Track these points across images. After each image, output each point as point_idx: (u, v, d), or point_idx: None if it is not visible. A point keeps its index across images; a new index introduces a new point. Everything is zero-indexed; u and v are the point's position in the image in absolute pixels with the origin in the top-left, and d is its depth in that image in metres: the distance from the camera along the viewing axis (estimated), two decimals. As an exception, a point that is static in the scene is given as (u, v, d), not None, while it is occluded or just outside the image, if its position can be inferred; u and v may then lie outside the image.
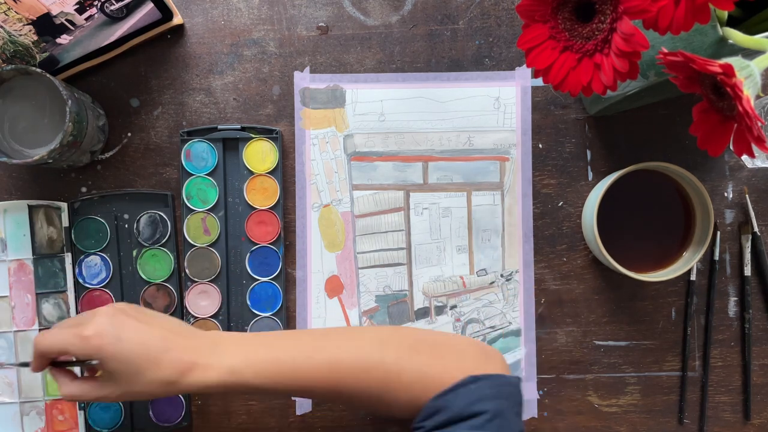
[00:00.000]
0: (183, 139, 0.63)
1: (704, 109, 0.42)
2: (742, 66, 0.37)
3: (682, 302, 0.64)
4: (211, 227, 0.63)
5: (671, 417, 0.63)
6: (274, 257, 0.63)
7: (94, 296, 0.63)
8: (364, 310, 0.64)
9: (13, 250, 0.63)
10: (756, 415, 0.63)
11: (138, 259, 0.63)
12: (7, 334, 0.62)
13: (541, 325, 0.63)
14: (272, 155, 0.63)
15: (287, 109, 0.64)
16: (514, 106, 0.64)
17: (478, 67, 0.64)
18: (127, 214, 0.63)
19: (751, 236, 0.63)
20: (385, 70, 0.64)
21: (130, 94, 0.64)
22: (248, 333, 0.61)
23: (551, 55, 0.44)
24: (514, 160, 0.64)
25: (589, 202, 0.61)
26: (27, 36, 0.56)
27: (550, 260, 0.64)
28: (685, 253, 0.60)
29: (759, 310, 0.63)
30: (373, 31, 0.64)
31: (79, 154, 0.60)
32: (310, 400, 0.63)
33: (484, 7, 0.64)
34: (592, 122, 0.64)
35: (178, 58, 0.64)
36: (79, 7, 0.55)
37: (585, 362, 0.63)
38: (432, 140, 0.64)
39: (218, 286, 0.63)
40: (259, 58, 0.64)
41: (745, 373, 0.63)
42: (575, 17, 0.42)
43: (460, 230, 0.64)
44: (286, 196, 0.64)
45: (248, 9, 0.64)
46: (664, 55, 0.39)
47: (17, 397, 0.62)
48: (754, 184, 0.63)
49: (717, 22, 0.41)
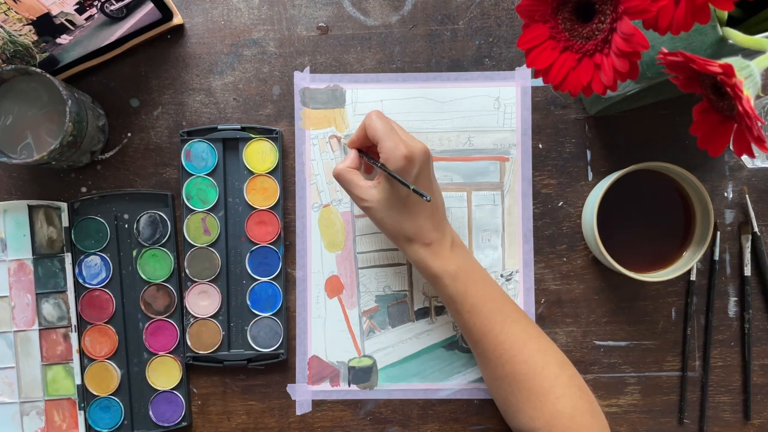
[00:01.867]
0: (183, 139, 0.63)
1: (704, 109, 0.42)
2: (742, 66, 0.37)
3: (682, 302, 0.64)
4: (211, 227, 0.63)
5: (671, 417, 0.63)
6: (274, 257, 0.63)
7: (94, 296, 0.63)
8: (364, 310, 0.64)
9: (13, 250, 0.63)
10: (756, 415, 0.63)
11: (138, 259, 0.63)
12: (7, 334, 0.62)
13: (541, 325, 0.63)
14: (272, 155, 0.63)
15: (287, 109, 0.64)
16: (514, 106, 0.64)
17: (478, 67, 0.64)
18: (127, 214, 0.63)
19: (751, 236, 0.63)
20: (385, 70, 0.64)
21: (130, 94, 0.64)
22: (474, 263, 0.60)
23: (551, 55, 0.44)
24: (514, 160, 0.64)
25: (589, 202, 0.61)
26: (27, 36, 0.56)
27: (550, 260, 0.64)
28: (685, 253, 0.60)
29: (759, 310, 0.63)
30: (373, 31, 0.64)
31: (79, 154, 0.60)
32: (310, 400, 0.63)
33: (484, 7, 0.64)
34: (592, 122, 0.64)
35: (178, 58, 0.64)
36: (79, 7, 0.55)
37: (585, 362, 0.63)
38: (432, 140, 0.64)
39: (218, 286, 0.63)
40: (259, 58, 0.64)
41: (745, 373, 0.63)
42: (575, 17, 0.42)
43: (460, 230, 0.64)
44: (286, 196, 0.64)
45: (248, 9, 0.64)
46: (664, 55, 0.39)
47: (17, 397, 0.62)
48: (754, 184, 0.63)
49: (717, 22, 0.41)
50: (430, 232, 0.55)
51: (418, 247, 0.55)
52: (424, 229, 0.55)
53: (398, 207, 0.54)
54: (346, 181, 0.56)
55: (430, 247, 0.55)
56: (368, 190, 0.55)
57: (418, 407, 0.63)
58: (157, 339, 0.63)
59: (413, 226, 0.55)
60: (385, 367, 0.64)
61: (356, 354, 0.64)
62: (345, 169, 0.56)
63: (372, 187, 0.55)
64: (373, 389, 0.63)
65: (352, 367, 0.63)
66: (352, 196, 0.56)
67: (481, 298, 0.56)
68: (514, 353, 0.55)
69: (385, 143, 0.53)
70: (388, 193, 0.54)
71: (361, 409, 0.64)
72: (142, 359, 0.63)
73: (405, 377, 0.63)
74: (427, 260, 0.55)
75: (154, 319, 0.63)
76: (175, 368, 0.63)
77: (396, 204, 0.54)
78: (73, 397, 0.63)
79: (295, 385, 0.63)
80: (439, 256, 0.55)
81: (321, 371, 0.63)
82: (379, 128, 0.54)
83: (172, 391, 0.63)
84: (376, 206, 0.55)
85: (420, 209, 0.54)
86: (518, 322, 0.56)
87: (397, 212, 0.54)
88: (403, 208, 0.54)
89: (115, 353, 0.63)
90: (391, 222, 0.55)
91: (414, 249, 0.56)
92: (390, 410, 0.63)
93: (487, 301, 0.56)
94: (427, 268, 0.55)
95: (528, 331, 0.56)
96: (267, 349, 0.63)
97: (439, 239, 0.55)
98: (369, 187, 0.55)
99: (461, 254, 0.57)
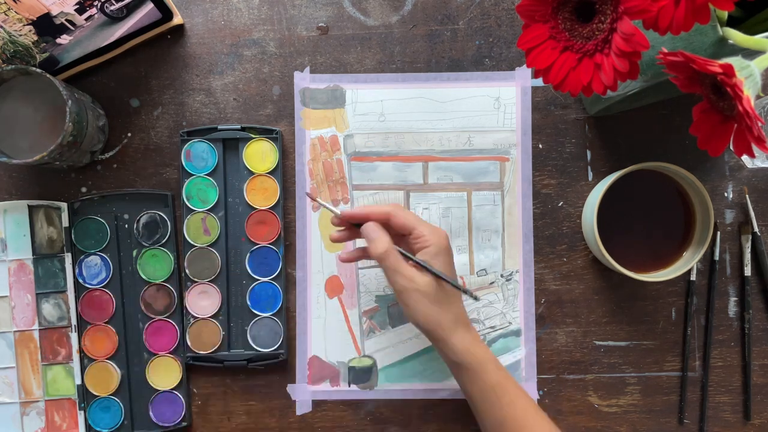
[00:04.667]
0: (183, 139, 0.63)
1: (704, 109, 0.42)
2: (742, 66, 0.37)
3: (682, 302, 0.64)
4: (211, 227, 0.63)
5: (671, 417, 0.63)
6: (274, 257, 0.63)
7: (94, 296, 0.63)
8: (364, 310, 0.64)
9: (13, 250, 0.63)
10: (756, 415, 0.63)
11: (138, 259, 0.63)
12: (7, 334, 0.62)
13: (541, 325, 0.63)
14: (272, 155, 0.63)
15: (287, 109, 0.64)
16: (514, 106, 0.64)
17: (478, 67, 0.64)
18: (127, 214, 0.63)
19: (751, 236, 0.63)
20: (385, 70, 0.64)
21: (130, 94, 0.64)
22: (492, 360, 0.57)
23: (551, 55, 0.44)
24: (514, 160, 0.64)
25: (589, 202, 0.61)
26: (27, 36, 0.56)
27: (550, 260, 0.64)
28: (685, 253, 0.60)
29: (759, 310, 0.63)
30: (373, 31, 0.64)
31: (79, 154, 0.60)
32: (310, 400, 0.63)
33: (484, 7, 0.64)
34: (592, 122, 0.64)
35: (178, 58, 0.64)
36: (79, 7, 0.55)
37: (585, 362, 0.63)
38: (432, 140, 0.64)
39: (218, 286, 0.63)
40: (259, 58, 0.64)
41: (745, 373, 0.63)
42: (575, 17, 0.42)
43: (460, 230, 0.64)
44: (286, 196, 0.64)
45: (248, 9, 0.64)
46: (664, 55, 0.39)
47: (17, 397, 0.62)
48: (754, 184, 0.63)
49: (717, 22, 0.41)
50: (466, 317, 0.54)
51: (463, 333, 0.53)
52: (463, 314, 0.54)
53: (440, 295, 0.52)
54: (394, 260, 0.52)
55: (472, 332, 0.54)
56: (417, 273, 0.52)
57: (419, 407, 0.63)
58: (157, 339, 0.63)
59: (456, 310, 0.53)
60: (386, 367, 0.64)
61: (356, 354, 0.64)
62: (392, 249, 0.52)
63: (419, 272, 0.52)
64: (373, 389, 0.63)
65: (352, 367, 0.63)
66: (397, 276, 0.52)
67: (515, 387, 0.54)
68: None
69: (423, 228, 0.52)
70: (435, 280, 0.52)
71: (361, 409, 0.63)
72: (142, 359, 0.63)
73: (405, 377, 0.63)
74: (474, 346, 0.53)
75: (154, 319, 0.63)
76: (175, 368, 0.63)
77: (440, 291, 0.52)
78: (73, 397, 0.63)
79: (295, 385, 0.63)
80: (479, 342, 0.54)
81: (321, 371, 0.63)
82: (411, 217, 0.53)
83: (173, 391, 0.63)
84: (423, 289, 0.51)
85: (453, 293, 0.53)
86: (539, 412, 0.54)
87: (438, 301, 0.52)
88: (444, 296, 0.52)
89: (115, 353, 0.63)
90: (433, 309, 0.52)
91: (458, 337, 0.53)
92: (390, 410, 0.63)
93: (519, 392, 0.54)
94: (473, 355, 0.53)
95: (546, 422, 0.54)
96: (267, 349, 0.63)
97: (471, 325, 0.54)
98: (416, 271, 0.52)
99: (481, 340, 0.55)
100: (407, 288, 0.51)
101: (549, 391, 0.63)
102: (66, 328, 0.63)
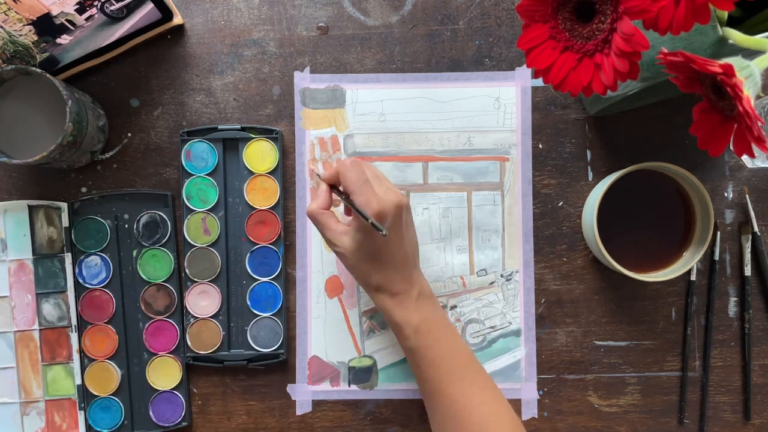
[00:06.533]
0: (183, 139, 0.63)
1: (704, 109, 0.42)
2: (742, 66, 0.37)
3: (682, 302, 0.64)
4: (211, 227, 0.63)
5: (671, 417, 0.63)
6: (274, 257, 0.63)
7: (94, 296, 0.63)
8: (365, 310, 0.64)
9: (13, 250, 0.63)
10: (756, 415, 0.63)
11: (138, 259, 0.63)
12: (7, 334, 0.62)
13: (541, 325, 0.63)
14: (272, 155, 0.63)
15: (287, 109, 0.64)
16: (514, 106, 0.64)
17: (478, 67, 0.64)
18: (127, 214, 0.63)
19: (751, 236, 0.63)
20: (385, 70, 0.64)
21: (130, 94, 0.64)
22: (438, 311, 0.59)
23: (551, 55, 0.44)
24: (514, 160, 0.64)
25: (589, 202, 0.61)
26: (27, 36, 0.56)
27: (550, 260, 0.64)
28: (685, 253, 0.60)
29: (759, 310, 0.63)
30: (373, 31, 0.64)
31: (79, 154, 0.60)
32: (310, 400, 0.63)
33: (484, 7, 0.64)
34: (592, 122, 0.64)
35: (178, 58, 0.64)
36: (79, 7, 0.55)
37: (585, 362, 0.63)
38: (432, 140, 0.64)
39: (218, 286, 0.63)
40: (259, 58, 0.64)
41: (745, 373, 0.63)
42: (575, 17, 0.42)
43: (460, 230, 0.64)
44: (286, 196, 0.64)
45: (248, 9, 0.64)
46: (664, 55, 0.39)
47: (17, 397, 0.62)
48: (754, 184, 0.63)
49: (717, 22, 0.41)
50: (397, 283, 0.54)
51: (384, 297, 0.55)
52: (391, 280, 0.54)
53: (368, 257, 0.53)
54: (318, 223, 0.55)
55: (395, 297, 0.54)
56: (340, 236, 0.54)
57: (419, 407, 0.63)
58: (158, 339, 0.63)
59: (381, 276, 0.54)
60: (386, 367, 0.64)
61: (356, 354, 0.64)
62: (317, 211, 0.55)
63: (344, 234, 0.54)
64: (374, 389, 0.63)
65: (352, 367, 0.63)
66: (325, 238, 0.55)
67: (440, 353, 0.54)
68: (466, 414, 0.53)
69: (357, 198, 0.51)
70: (360, 243, 0.52)
71: (361, 409, 0.63)
72: (143, 359, 0.63)
73: (405, 377, 0.63)
74: (391, 310, 0.54)
75: (154, 319, 0.63)
76: (176, 368, 0.63)
77: (367, 254, 0.53)
78: (73, 397, 0.63)
79: (295, 385, 0.63)
80: (404, 307, 0.54)
81: (321, 371, 0.63)
82: (353, 181, 0.52)
83: (173, 391, 0.63)
84: (347, 253, 0.54)
85: (389, 259, 0.53)
86: (476, 383, 0.55)
87: (367, 262, 0.53)
88: (373, 258, 0.53)
89: (115, 353, 0.63)
90: (360, 270, 0.54)
91: (380, 298, 0.55)
92: (390, 410, 0.63)
93: (446, 358, 0.54)
94: (391, 317, 0.55)
95: (484, 394, 0.55)
96: (267, 349, 0.63)
97: (406, 290, 0.54)
98: (341, 233, 0.54)
99: (427, 307, 0.56)
100: (334, 251, 0.55)
101: (549, 391, 0.63)
102: (66, 328, 0.63)
